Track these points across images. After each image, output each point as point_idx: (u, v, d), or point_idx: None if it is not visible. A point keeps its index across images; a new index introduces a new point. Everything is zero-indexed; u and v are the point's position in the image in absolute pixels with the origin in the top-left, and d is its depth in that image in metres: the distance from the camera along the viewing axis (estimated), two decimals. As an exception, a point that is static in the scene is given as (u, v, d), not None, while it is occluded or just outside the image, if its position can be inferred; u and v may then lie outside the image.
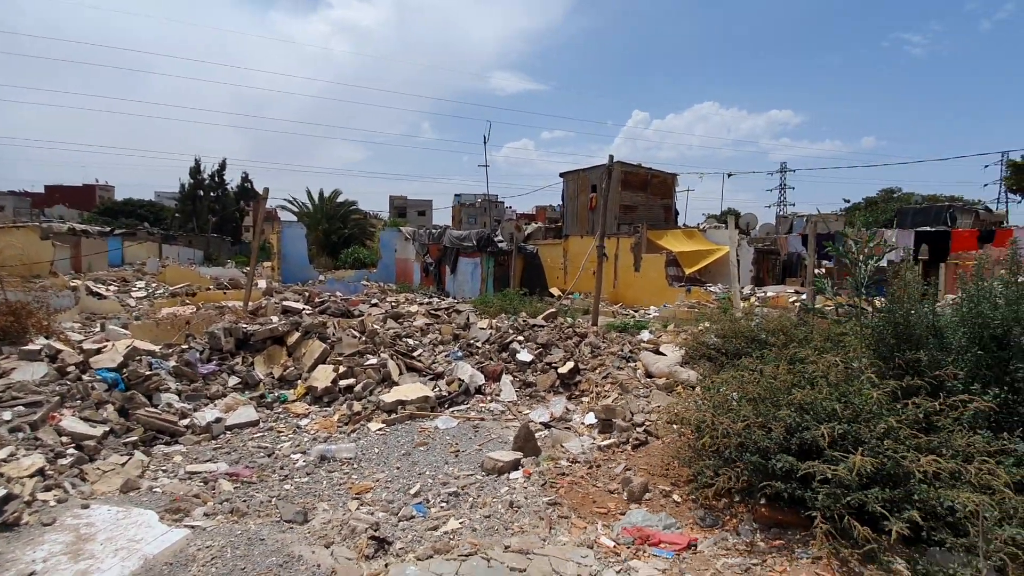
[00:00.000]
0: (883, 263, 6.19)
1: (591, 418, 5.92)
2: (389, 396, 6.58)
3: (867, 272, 4.50)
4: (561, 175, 24.61)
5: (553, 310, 10.44)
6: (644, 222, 20.60)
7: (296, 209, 35.83)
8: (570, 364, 7.22)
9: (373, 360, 7.38)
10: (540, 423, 6.16)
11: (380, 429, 6.03)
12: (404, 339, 8.48)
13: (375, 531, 3.53)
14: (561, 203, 25.24)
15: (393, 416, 6.28)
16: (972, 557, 2.67)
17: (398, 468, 4.96)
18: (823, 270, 17.85)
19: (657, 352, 7.31)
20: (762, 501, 3.56)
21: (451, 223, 54.59)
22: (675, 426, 4.67)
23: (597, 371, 7.17)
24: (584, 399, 6.71)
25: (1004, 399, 3.57)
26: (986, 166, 28.45)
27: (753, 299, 15.53)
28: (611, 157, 14.09)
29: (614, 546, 3.37)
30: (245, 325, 8.01)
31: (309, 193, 36.12)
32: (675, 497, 3.96)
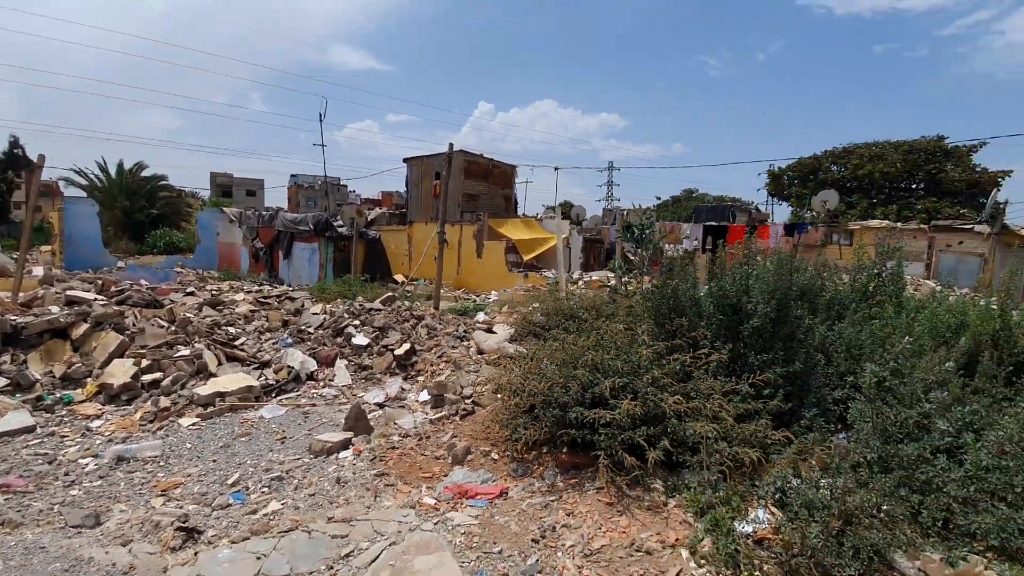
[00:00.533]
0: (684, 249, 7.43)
1: (425, 395, 6.16)
2: (205, 389, 6.08)
3: (648, 257, 5.38)
4: (405, 160, 24.33)
5: (391, 294, 10.45)
6: (486, 211, 21.39)
7: (85, 183, 30.01)
8: (406, 346, 7.37)
9: (185, 351, 6.72)
10: (375, 403, 6.23)
11: (194, 424, 5.57)
12: (224, 328, 7.83)
13: (183, 523, 3.35)
14: (406, 189, 24.98)
15: (210, 409, 5.83)
16: (703, 471, 3.47)
17: (214, 461, 4.68)
18: (636, 257, 20.44)
19: (489, 331, 7.81)
20: (564, 449, 4.14)
21: (287, 205, 50.43)
22: (497, 394, 5.12)
23: (433, 351, 7.44)
24: (420, 378, 6.92)
25: (736, 352, 4.61)
26: (759, 174, 34.86)
27: (580, 283, 17.16)
28: (451, 145, 14.39)
29: (435, 503, 3.66)
30: (14, 318, 6.69)
31: (103, 165, 30.49)
32: (493, 455, 4.39)
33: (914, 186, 22.55)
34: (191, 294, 11.33)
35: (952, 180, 20.75)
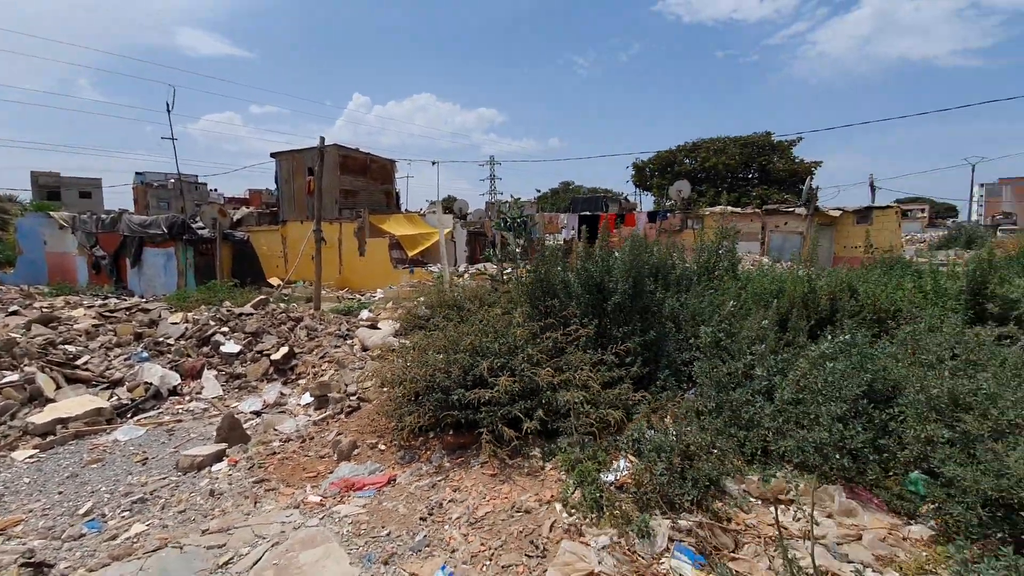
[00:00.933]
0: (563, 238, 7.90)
1: (307, 397, 5.98)
2: (42, 416, 5.35)
3: (524, 245, 5.71)
4: (273, 155, 22.75)
5: (263, 297, 9.86)
6: (366, 207, 20.77)
7: None
8: (284, 349, 7.05)
9: (13, 376, 5.83)
10: (251, 412, 5.91)
11: (31, 457, 4.88)
12: (61, 347, 6.88)
13: (28, 558, 3.00)
14: (276, 186, 23.37)
15: (51, 438, 5.15)
16: (573, 434, 3.84)
17: (60, 493, 4.18)
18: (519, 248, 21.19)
19: (373, 327, 7.73)
20: (450, 432, 4.32)
21: (133, 207, 44.60)
22: (383, 387, 5.15)
23: (314, 352, 7.19)
24: (301, 381, 6.67)
25: (602, 326, 5.10)
26: (627, 166, 37.68)
27: (466, 275, 17.42)
28: (322, 139, 13.83)
29: (320, 500, 3.64)
30: None
31: None
32: (380, 447, 4.43)
33: (750, 175, 25.96)
34: (15, 313, 9.71)
35: (778, 170, 24.35)
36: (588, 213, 23.21)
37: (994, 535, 2.57)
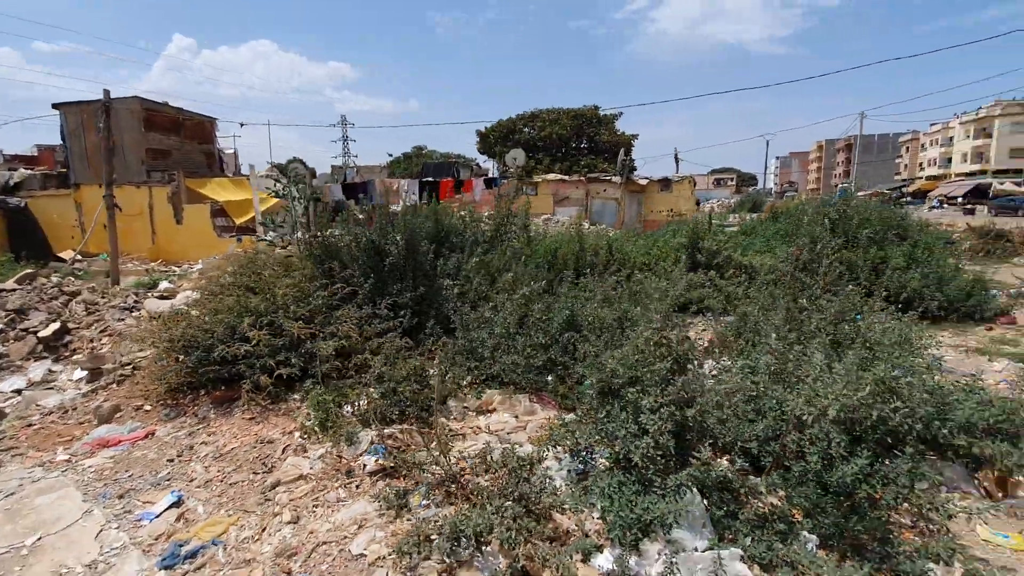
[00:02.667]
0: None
1: (80, 372, 5.78)
2: None
3: (300, 213, 6.05)
4: (56, 107, 19.43)
5: (29, 272, 8.89)
6: (180, 169, 18.84)
7: None
8: (55, 325, 6.60)
9: None
10: (11, 391, 5.58)
11: None
12: None
13: None
14: (62, 143, 20.06)
15: None
16: (326, 378, 4.42)
17: None
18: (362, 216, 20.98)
19: (163, 298, 7.50)
20: (221, 387, 4.64)
21: None
22: (149, 351, 5.23)
23: (93, 327, 6.83)
24: (76, 357, 6.36)
25: (377, 284, 5.70)
26: (476, 131, 38.33)
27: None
28: (106, 92, 12.34)
29: (68, 458, 3.81)
30: None
31: None
32: (146, 407, 4.62)
33: (581, 146, 28.28)
34: None
35: (603, 141, 26.96)
36: (430, 179, 23.56)
37: (599, 409, 3.70)
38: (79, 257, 15.95)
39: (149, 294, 7.85)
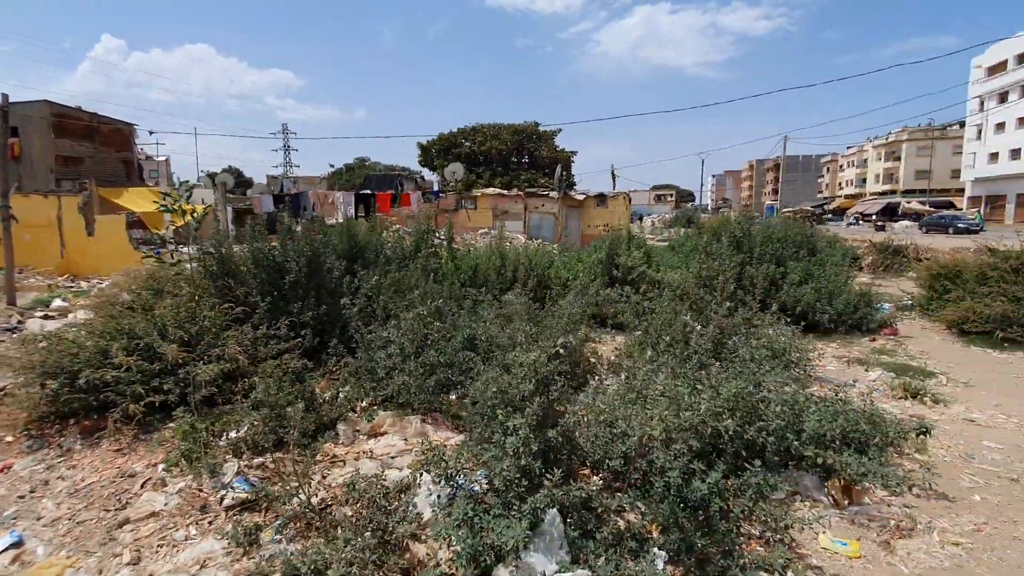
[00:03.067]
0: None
1: (-62, 401, 5.24)
2: None
3: (192, 228, 5.79)
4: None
5: None
6: (92, 178, 17.67)
7: None
8: (-86, 349, 5.97)
9: None
10: None
11: None
12: None
13: None
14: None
15: None
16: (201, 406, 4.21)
17: None
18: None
19: (48, 318, 6.97)
20: (93, 416, 4.32)
21: None
22: (16, 377, 4.81)
23: (-38, 350, 6.23)
24: (-62, 384, 5.76)
25: (277, 302, 5.50)
26: (418, 144, 38.16)
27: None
28: (3, 95, 11.46)
29: None
30: None
31: None
32: (7, 439, 4.23)
33: (522, 160, 28.71)
34: None
35: (543, 157, 27.53)
36: (366, 192, 23.20)
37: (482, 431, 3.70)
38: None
39: (35, 313, 7.26)
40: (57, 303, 8.30)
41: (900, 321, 8.06)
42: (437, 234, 9.19)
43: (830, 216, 64.44)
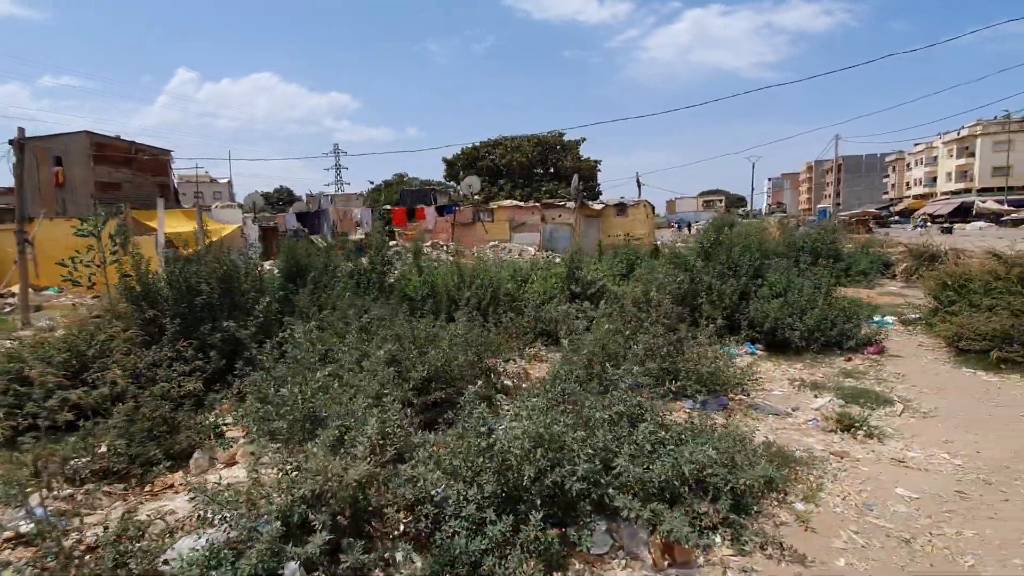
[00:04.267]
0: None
1: None
2: None
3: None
4: (11, 143, 19.64)
5: None
6: (128, 202, 18.95)
7: None
8: None
9: None
10: None
11: None
12: None
13: None
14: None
15: None
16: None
17: None
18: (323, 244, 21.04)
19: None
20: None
21: None
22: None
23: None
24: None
25: (188, 324, 5.50)
26: (443, 158, 38.70)
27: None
28: (21, 130, 12.44)
29: None
30: None
31: None
32: None
33: (542, 171, 28.42)
34: None
35: (566, 167, 27.11)
36: (387, 207, 23.64)
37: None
38: (12, 291, 15.89)
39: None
40: (43, 322, 8.77)
41: (893, 338, 7.18)
42: (445, 249, 9.10)
43: (896, 219, 60.04)
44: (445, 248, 18.85)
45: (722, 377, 5.21)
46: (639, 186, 24.82)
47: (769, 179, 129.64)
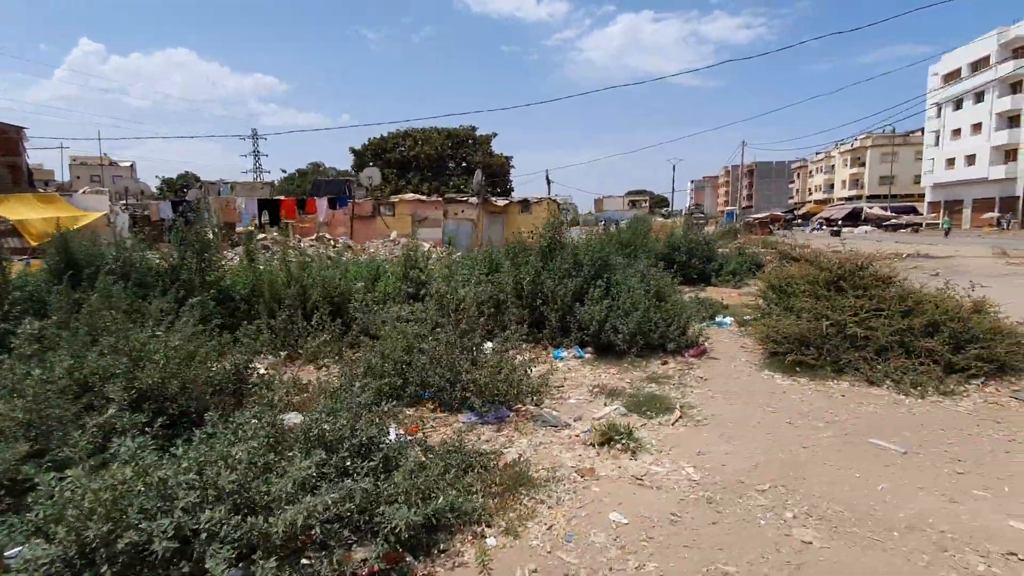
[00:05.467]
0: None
1: None
2: None
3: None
4: None
5: None
6: (-41, 183, 16.54)
7: None
8: None
9: None
10: None
11: None
12: None
13: None
14: None
15: None
16: None
17: None
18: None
19: None
20: None
21: None
22: None
23: None
24: None
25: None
26: (350, 148, 37.39)
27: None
28: None
29: None
30: None
31: None
32: None
33: (454, 165, 27.87)
34: None
35: (475, 162, 26.69)
36: (268, 199, 22.23)
37: None
38: None
39: None
40: None
41: (724, 339, 7.25)
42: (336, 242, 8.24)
43: (799, 221, 64.42)
44: (333, 243, 17.86)
45: (519, 386, 4.91)
46: (548, 183, 24.82)
47: (692, 181, 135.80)
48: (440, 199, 21.81)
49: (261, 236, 15.24)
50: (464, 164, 28.25)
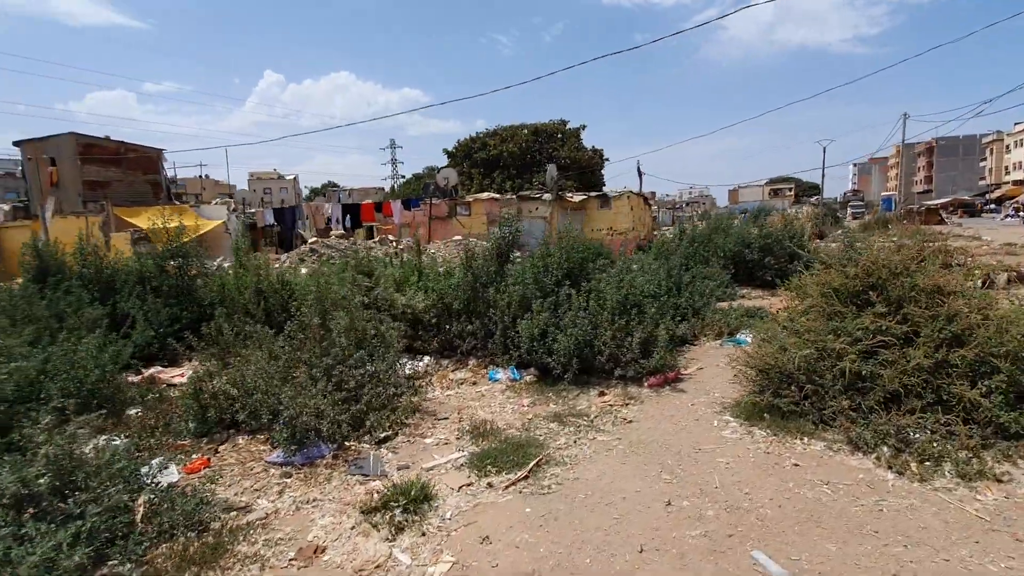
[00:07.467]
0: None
1: None
2: None
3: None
4: (17, 144, 21.23)
5: None
6: (110, 199, 19.85)
7: None
8: None
9: None
10: None
11: None
12: None
13: None
14: (23, 177, 21.92)
15: None
16: None
17: None
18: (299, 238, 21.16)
19: None
20: None
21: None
22: None
23: None
24: None
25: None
26: (444, 150, 38.30)
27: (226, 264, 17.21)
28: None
29: None
30: None
31: None
32: None
33: (539, 161, 26.94)
34: None
35: (562, 157, 25.46)
36: (352, 203, 23.35)
37: None
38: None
39: None
40: None
41: (702, 364, 5.63)
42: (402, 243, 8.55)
43: (992, 207, 52.49)
44: (396, 244, 18.20)
45: (374, 417, 4.14)
46: (640, 176, 22.83)
47: (855, 164, 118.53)
48: (514, 197, 21.20)
49: (339, 234, 16.12)
50: (551, 160, 27.30)
